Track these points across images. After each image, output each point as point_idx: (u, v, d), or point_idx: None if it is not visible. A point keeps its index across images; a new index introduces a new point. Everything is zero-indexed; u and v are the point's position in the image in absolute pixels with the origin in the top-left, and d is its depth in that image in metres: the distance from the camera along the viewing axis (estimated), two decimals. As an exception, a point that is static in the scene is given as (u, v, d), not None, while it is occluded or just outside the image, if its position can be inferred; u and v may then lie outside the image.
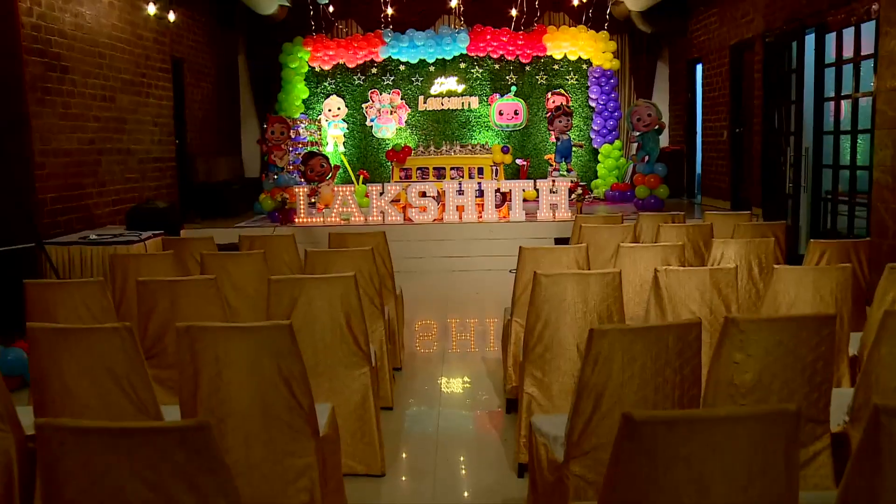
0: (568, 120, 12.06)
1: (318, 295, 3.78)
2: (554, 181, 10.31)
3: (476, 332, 7.20)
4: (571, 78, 13.99)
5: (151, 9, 9.33)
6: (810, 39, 8.91)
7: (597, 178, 13.65)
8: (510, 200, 10.27)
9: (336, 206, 10.19)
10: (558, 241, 9.81)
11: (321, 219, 10.26)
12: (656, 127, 11.27)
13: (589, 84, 13.89)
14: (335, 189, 10.34)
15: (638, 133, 11.33)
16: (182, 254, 5.75)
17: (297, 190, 10.31)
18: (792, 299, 3.88)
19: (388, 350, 5.17)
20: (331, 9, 13.04)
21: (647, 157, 11.38)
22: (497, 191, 10.30)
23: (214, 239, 9.82)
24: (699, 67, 13.07)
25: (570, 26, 13.79)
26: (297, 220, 10.28)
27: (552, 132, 12.59)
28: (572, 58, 13.82)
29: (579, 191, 10.23)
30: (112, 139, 8.81)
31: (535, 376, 3.86)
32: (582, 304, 3.76)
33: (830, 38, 8.58)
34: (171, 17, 9.87)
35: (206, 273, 4.81)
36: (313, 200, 10.74)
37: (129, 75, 9.20)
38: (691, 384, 2.79)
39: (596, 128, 13.85)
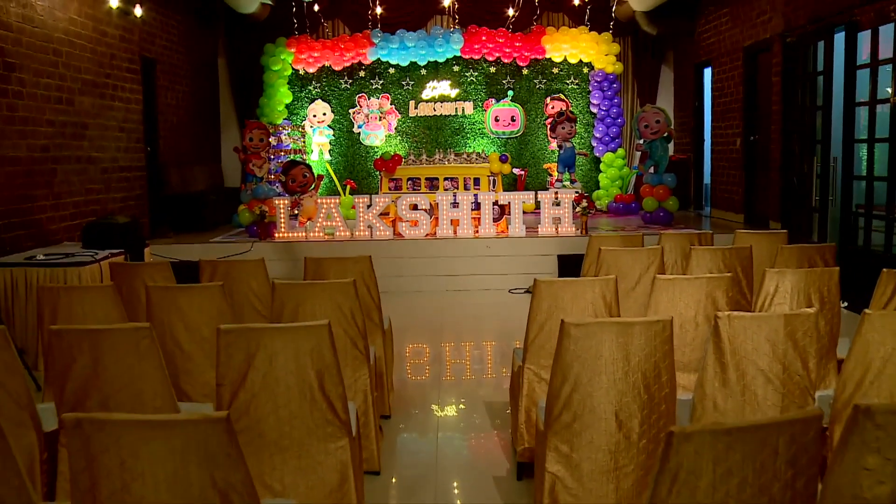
0: (571, 126, 11.24)
1: (282, 349, 2.92)
2: (557, 193, 9.49)
3: (475, 366, 6.35)
4: (572, 82, 13.20)
5: (114, 1, 8.44)
6: (839, 38, 8.14)
7: (599, 188, 12.86)
8: (509, 214, 9.44)
9: (319, 219, 9.33)
10: (562, 258, 9.02)
11: (303, 234, 9.40)
12: (665, 134, 10.47)
13: (590, 89, 13.09)
14: (319, 201, 9.48)
15: (645, 141, 10.51)
16: (132, 282, 4.88)
17: (276, 202, 9.46)
18: (888, 353, 3.05)
19: (375, 398, 4.32)
20: (316, 7, 12.19)
21: (655, 167, 10.57)
22: (495, 203, 9.47)
23: (187, 255, 9.10)
24: (707, 71, 12.32)
25: (570, 27, 13.00)
26: (277, 234, 9.43)
27: (554, 139, 11.78)
28: (573, 61, 13.02)
29: (584, 203, 9.39)
30: (70, 146, 7.94)
31: (561, 451, 3.02)
32: (622, 361, 2.92)
33: (864, 37, 7.80)
34: (138, 11, 8.99)
35: (152, 311, 3.95)
36: (295, 213, 9.89)
37: (90, 76, 8.33)
38: (805, 502, 1.95)
39: (598, 135, 13.05)
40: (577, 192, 9.81)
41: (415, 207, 9.34)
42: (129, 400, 3.00)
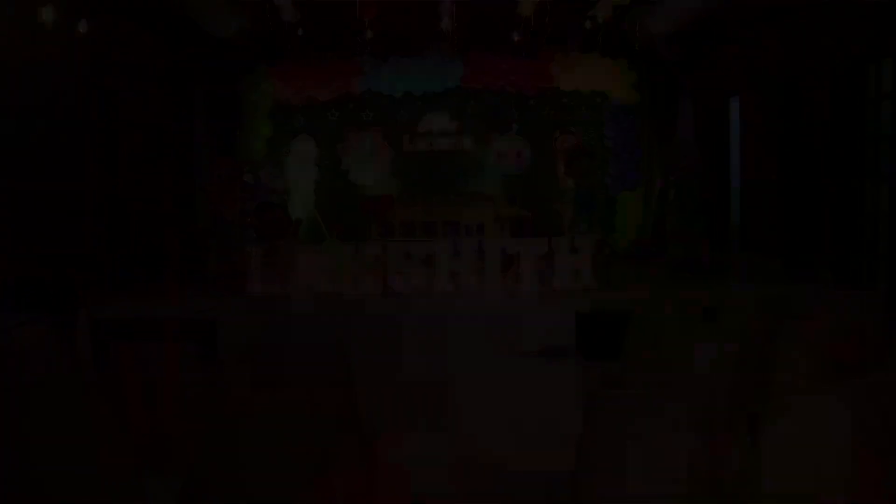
0: (591, 162, 10.08)
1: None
2: (574, 239, 8.29)
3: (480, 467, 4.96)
4: (584, 113, 12.20)
5: (49, 13, 7.23)
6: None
7: (614, 231, 11.70)
8: (518, 264, 8.26)
9: (297, 270, 8.15)
10: (581, 317, 7.73)
11: (278, 287, 8.20)
12: (694, 171, 9.24)
13: (604, 121, 12.13)
14: (297, 248, 8.30)
15: (672, 178, 9.30)
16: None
17: (248, 250, 8.30)
18: None
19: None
20: (300, 31, 11.07)
21: (682, 208, 9.35)
22: (502, 251, 8.35)
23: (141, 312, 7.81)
24: (734, 102, 11.13)
25: (581, 53, 11.92)
26: (248, 288, 8.23)
27: (569, 176, 10.65)
28: (585, 90, 12.07)
29: (607, 251, 8.19)
30: (-7, 184, 6.68)
31: None
32: None
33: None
34: (82, 27, 7.78)
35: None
36: (269, 262, 8.68)
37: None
38: None
39: (613, 172, 11.95)
40: (597, 238, 8.61)
41: (408, 257, 8.35)
42: None
